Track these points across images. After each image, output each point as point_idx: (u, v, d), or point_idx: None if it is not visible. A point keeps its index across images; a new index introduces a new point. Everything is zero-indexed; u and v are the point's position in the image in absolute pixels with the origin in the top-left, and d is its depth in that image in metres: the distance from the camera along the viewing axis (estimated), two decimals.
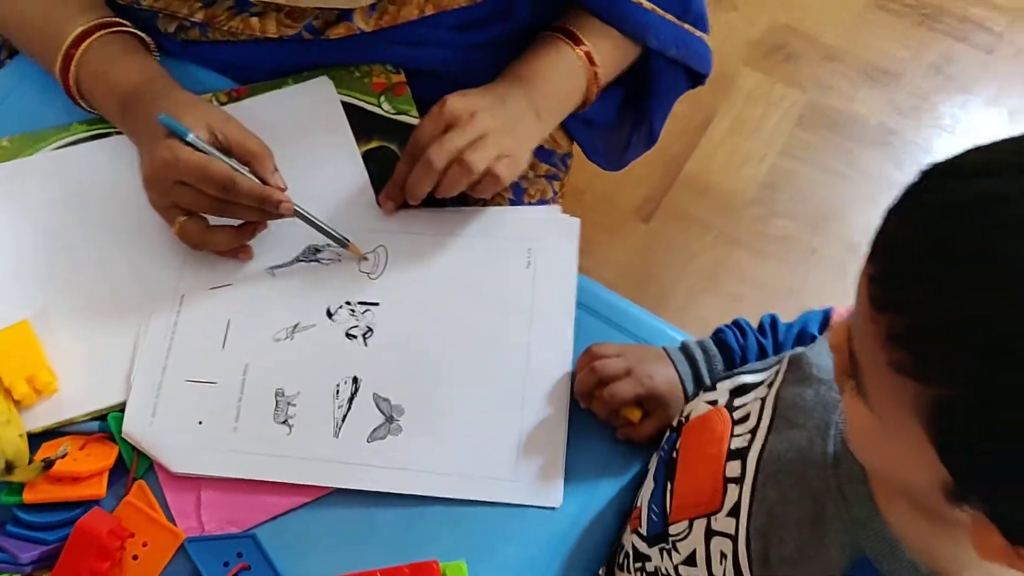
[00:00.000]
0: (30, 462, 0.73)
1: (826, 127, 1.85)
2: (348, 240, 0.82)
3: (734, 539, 0.65)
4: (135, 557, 0.72)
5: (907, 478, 0.51)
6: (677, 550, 0.69)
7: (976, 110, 1.87)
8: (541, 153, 1.02)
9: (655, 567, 0.72)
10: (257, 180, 0.77)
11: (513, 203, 0.97)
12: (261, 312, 0.81)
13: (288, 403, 0.78)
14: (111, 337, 0.80)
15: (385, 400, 0.78)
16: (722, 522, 0.66)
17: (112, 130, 0.88)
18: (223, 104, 0.90)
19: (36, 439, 0.76)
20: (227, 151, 0.77)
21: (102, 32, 0.84)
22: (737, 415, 0.70)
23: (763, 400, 0.69)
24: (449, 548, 0.74)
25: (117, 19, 0.85)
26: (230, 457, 0.76)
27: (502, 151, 0.80)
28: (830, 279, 1.71)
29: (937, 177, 0.46)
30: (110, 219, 0.84)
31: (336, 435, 0.77)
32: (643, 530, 0.73)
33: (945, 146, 1.84)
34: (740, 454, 0.68)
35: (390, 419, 0.77)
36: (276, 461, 0.76)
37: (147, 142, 0.78)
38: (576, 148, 1.10)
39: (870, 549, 0.55)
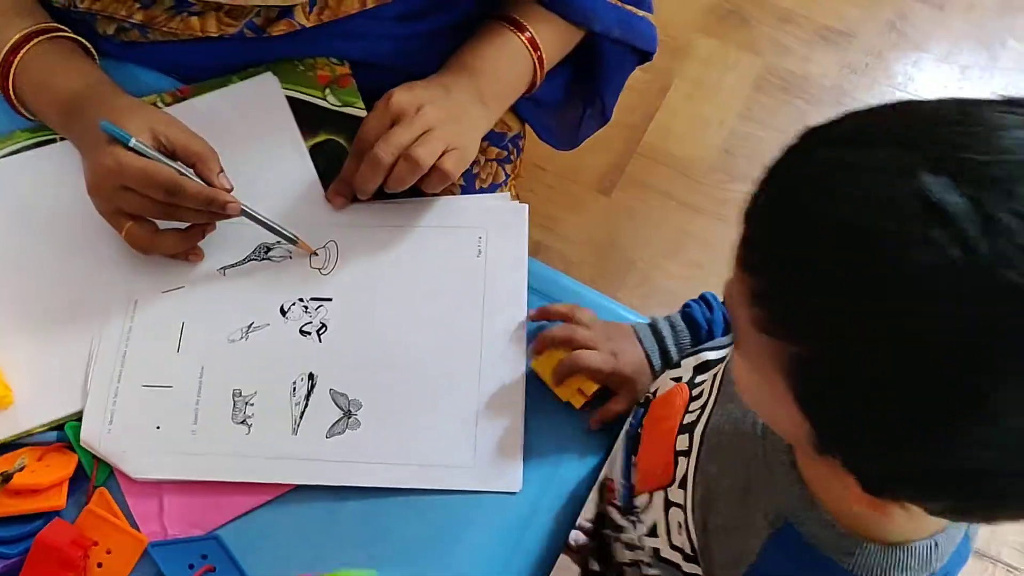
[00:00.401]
0: None
1: (782, 90, 1.85)
2: (297, 237, 0.82)
3: (684, 510, 0.67)
4: (99, 565, 0.72)
5: (786, 430, 0.54)
6: (641, 521, 0.71)
7: (929, 67, 1.88)
8: (491, 136, 1.02)
9: (629, 538, 0.75)
10: (202, 182, 0.77)
11: (464, 189, 0.97)
12: (215, 313, 0.81)
13: (246, 403, 0.78)
14: (65, 346, 0.80)
15: (342, 395, 0.79)
16: (675, 494, 0.69)
17: (56, 137, 0.87)
18: (168, 105, 0.89)
19: None
20: (171, 154, 0.77)
21: (40, 38, 0.83)
22: (696, 391, 0.72)
23: (715, 375, 0.71)
24: (412, 537, 0.75)
25: (55, 24, 0.84)
26: (190, 460, 0.76)
27: (449, 143, 0.80)
28: None
29: (808, 142, 0.47)
30: (58, 227, 0.84)
31: (295, 432, 0.77)
32: (617, 501, 0.75)
33: None
34: (689, 428, 0.70)
35: (348, 414, 0.78)
36: (236, 461, 0.76)
37: (90, 149, 0.77)
38: (532, 137, 1.10)
39: (791, 513, 0.58)
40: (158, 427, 0.77)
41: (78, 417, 0.77)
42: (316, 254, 0.83)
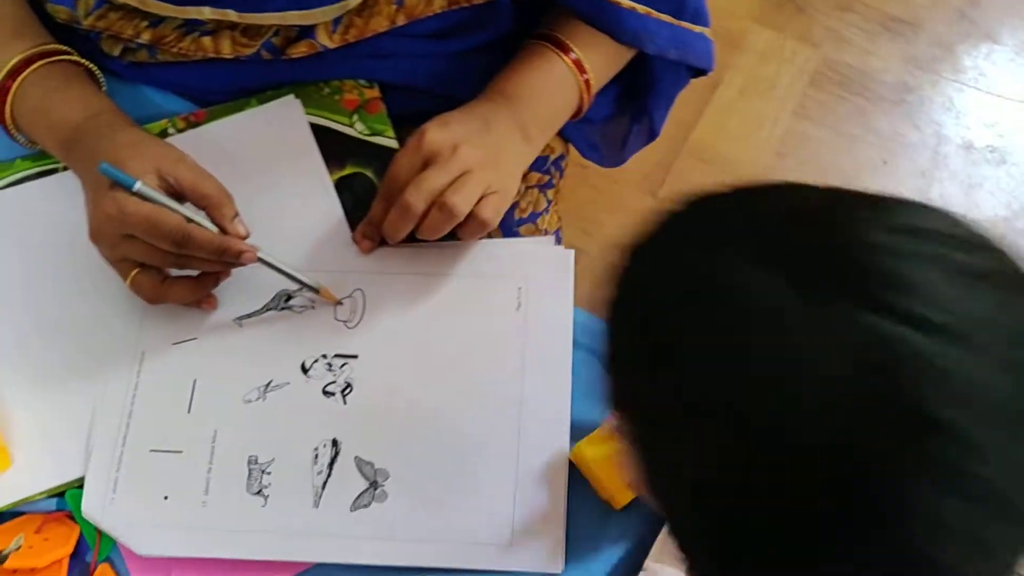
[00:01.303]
0: None
1: (840, 85, 1.74)
2: (319, 287, 0.74)
3: None
4: None
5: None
6: None
7: (1002, 61, 1.76)
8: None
9: None
10: (214, 227, 0.70)
11: (503, 223, 0.89)
12: (230, 369, 0.74)
13: (262, 471, 0.71)
14: (66, 403, 0.73)
15: (368, 464, 0.72)
16: None
17: (60, 166, 0.81)
18: (180, 130, 0.82)
19: None
20: (180, 196, 0.70)
21: (41, 62, 0.75)
22: None
23: None
24: None
25: (57, 46, 0.77)
26: (200, 535, 0.70)
27: (488, 187, 0.72)
28: None
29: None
30: (61, 268, 0.77)
31: (316, 505, 0.70)
32: None
33: (967, 103, 1.73)
34: None
35: (374, 484, 0.71)
36: (251, 537, 0.70)
37: (91, 190, 0.70)
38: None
39: None
40: (166, 497, 0.70)
41: (81, 484, 0.71)
42: (341, 304, 0.76)
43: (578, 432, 0.72)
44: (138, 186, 0.67)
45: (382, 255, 0.78)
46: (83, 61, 0.78)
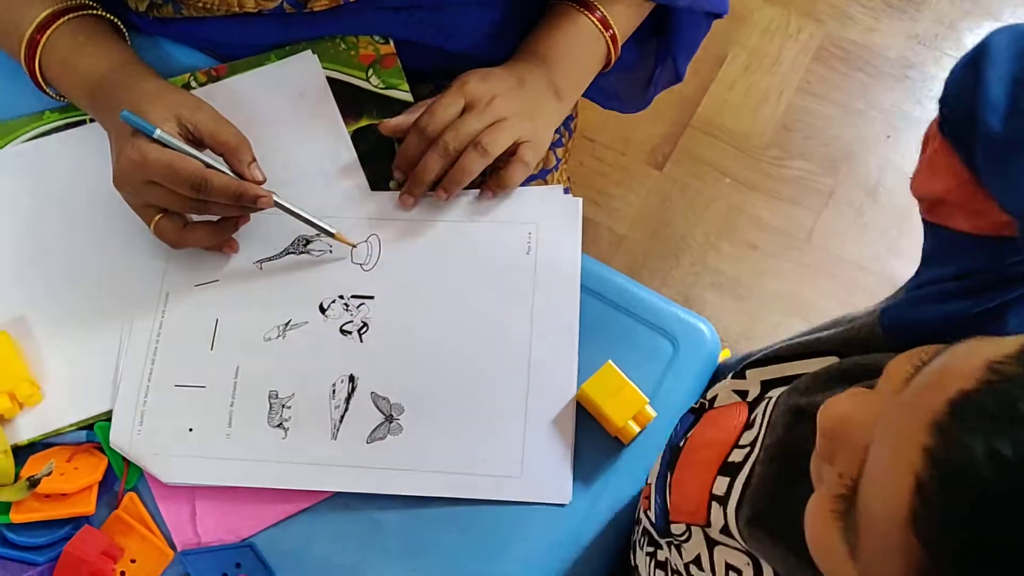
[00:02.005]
0: (16, 479, 0.70)
1: (843, 61, 1.77)
2: (335, 231, 0.77)
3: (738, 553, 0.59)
4: (122, 573, 0.69)
5: None
6: (681, 551, 0.65)
7: None
8: None
9: (665, 558, 0.68)
10: (232, 173, 0.73)
11: None
12: (250, 310, 0.77)
13: (282, 405, 0.74)
14: (94, 341, 0.76)
15: (384, 399, 0.75)
16: (717, 536, 0.61)
17: (86, 117, 0.84)
18: (202, 84, 0.85)
19: (22, 451, 0.73)
20: (199, 142, 0.73)
21: (68, 16, 0.78)
22: (752, 416, 0.64)
23: (772, 404, 0.62)
24: (456, 550, 0.72)
25: (83, 1, 0.80)
26: (223, 465, 0.73)
27: (520, 136, 0.78)
28: (847, 222, 1.65)
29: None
30: (88, 215, 0.80)
31: (334, 437, 0.73)
32: (652, 516, 0.69)
33: None
34: (732, 471, 0.61)
35: (389, 418, 0.74)
36: (272, 467, 0.73)
37: (115, 139, 0.73)
38: (582, 105, 1.04)
39: None
40: (190, 429, 0.74)
41: (109, 416, 0.74)
42: (356, 247, 0.79)
43: (584, 373, 0.75)
44: (158, 133, 0.70)
45: (396, 203, 0.80)
46: (108, 16, 0.81)
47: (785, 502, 0.51)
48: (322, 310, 0.77)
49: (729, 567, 0.60)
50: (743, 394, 0.67)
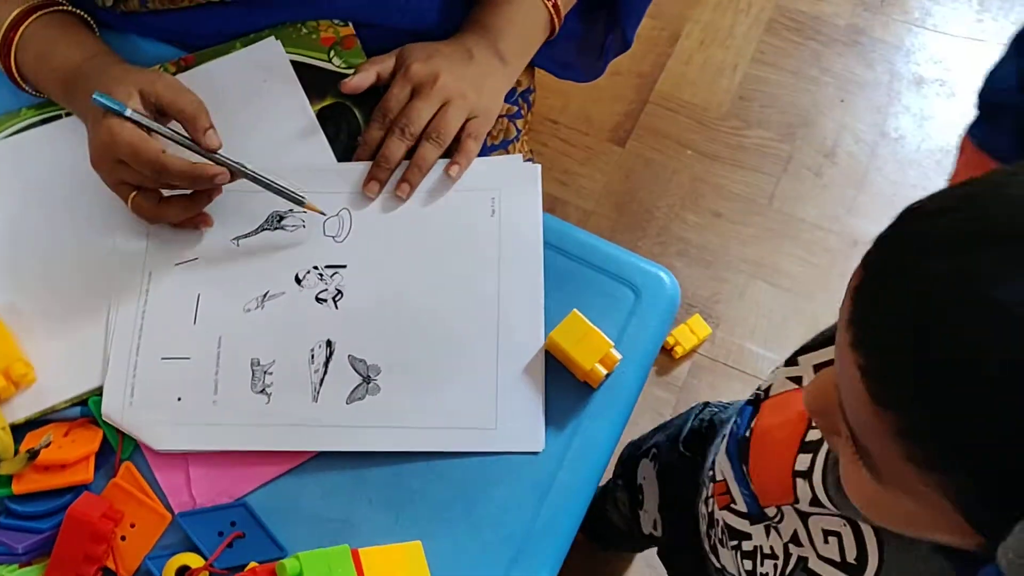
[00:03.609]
0: (15, 454, 0.73)
1: (795, 31, 1.82)
2: (304, 199, 0.80)
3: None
4: (123, 538, 0.73)
5: (928, 533, 0.49)
6: (780, 532, 0.67)
7: (946, 1, 1.84)
8: None
9: (755, 545, 0.71)
10: (190, 148, 0.76)
11: None
12: (230, 284, 0.81)
13: (264, 372, 0.78)
14: (83, 321, 0.80)
15: (361, 361, 0.78)
16: (809, 508, 0.63)
17: (62, 112, 0.87)
18: (172, 74, 0.88)
19: (19, 430, 0.76)
20: (162, 112, 0.76)
21: (39, 13, 0.82)
22: None
23: None
24: (438, 498, 0.75)
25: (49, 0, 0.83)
26: (212, 431, 0.76)
27: (470, 112, 0.83)
28: (806, 185, 1.70)
29: (904, 255, 0.42)
30: (69, 203, 0.84)
31: (315, 399, 0.77)
32: (739, 507, 0.72)
33: (916, 41, 1.81)
34: (812, 447, 0.64)
35: (367, 379, 0.78)
36: (258, 430, 0.76)
37: (90, 122, 0.77)
38: (541, 80, 1.08)
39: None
40: (179, 399, 0.77)
41: (101, 392, 0.77)
42: (326, 216, 0.82)
43: (551, 324, 0.79)
44: (129, 111, 0.74)
45: (365, 176, 0.84)
46: (77, 11, 0.84)
47: None
48: (298, 280, 0.81)
49: (827, 533, 0.62)
50: (797, 380, 0.70)
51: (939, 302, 0.40)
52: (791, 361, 0.71)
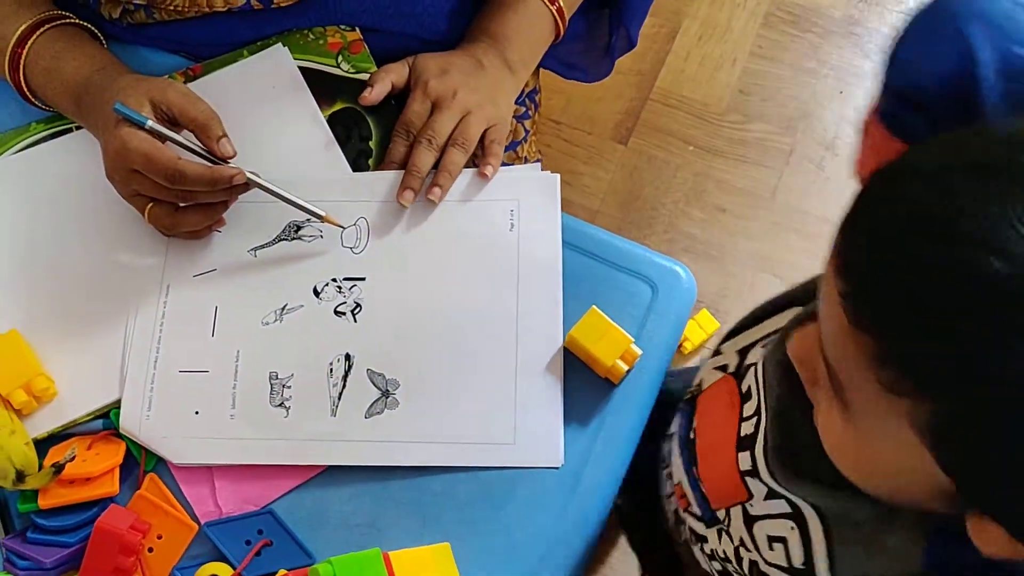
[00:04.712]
0: (40, 468, 0.73)
1: (791, 24, 1.82)
2: (323, 213, 0.80)
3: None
4: (150, 550, 0.73)
5: (901, 488, 0.50)
6: (731, 535, 0.68)
7: None
8: None
9: (711, 549, 0.71)
10: (206, 159, 0.76)
11: None
12: (247, 296, 0.81)
13: (283, 385, 0.78)
14: (102, 334, 0.80)
15: (379, 375, 0.78)
16: (759, 506, 0.64)
17: (72, 125, 0.87)
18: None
19: (43, 445, 0.76)
20: (174, 121, 0.76)
21: (46, 27, 0.82)
22: (744, 386, 0.68)
23: (760, 369, 0.66)
24: (465, 499, 0.75)
25: (60, 12, 0.83)
26: (230, 445, 0.76)
27: (488, 122, 0.84)
28: (809, 178, 1.70)
29: (886, 184, 0.44)
30: (84, 216, 0.83)
31: (333, 413, 0.77)
32: (695, 511, 0.72)
33: None
34: (748, 444, 0.65)
35: (385, 393, 0.78)
36: (276, 444, 0.76)
37: (102, 134, 0.77)
38: (543, 80, 1.09)
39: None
40: (197, 412, 0.77)
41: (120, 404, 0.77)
42: (344, 229, 0.82)
43: (570, 322, 0.79)
44: (149, 124, 0.74)
45: (383, 186, 0.84)
46: (84, 24, 0.84)
47: (805, 439, 0.55)
48: (316, 293, 0.81)
49: (772, 540, 0.63)
50: (723, 368, 0.71)
51: (913, 224, 0.41)
52: (716, 352, 0.73)
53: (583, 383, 0.79)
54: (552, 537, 0.75)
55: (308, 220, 0.82)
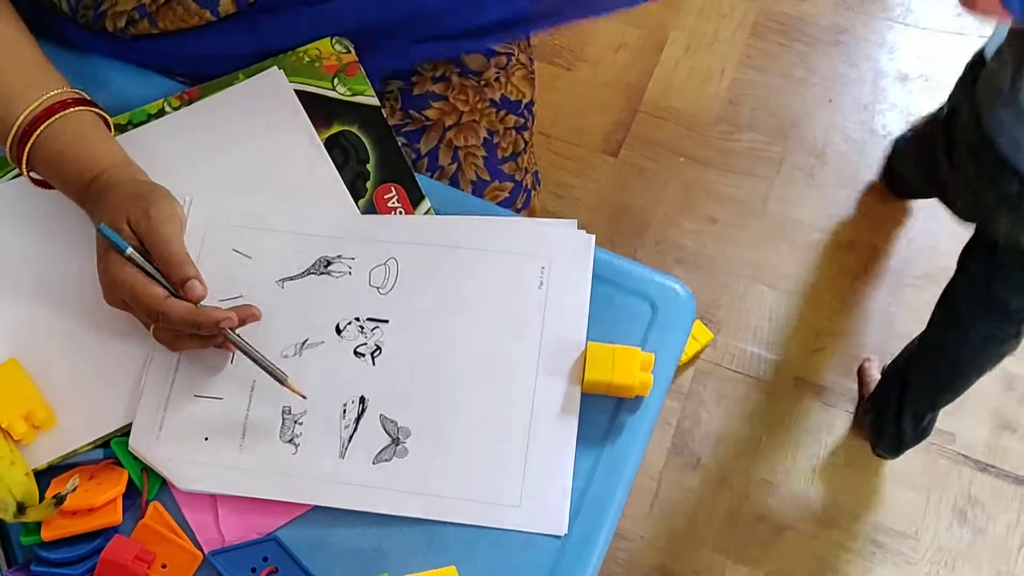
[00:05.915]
0: (41, 500, 0.73)
1: (779, 33, 1.83)
2: (287, 377, 0.76)
3: None
4: None
5: None
6: None
7: None
8: (508, 104, 1.01)
9: None
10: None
11: (487, 159, 0.96)
12: (270, 327, 0.80)
13: (295, 421, 0.78)
14: (104, 362, 0.79)
15: (392, 422, 0.78)
16: None
17: None
18: (175, 108, 0.88)
19: (44, 476, 0.76)
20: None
21: (52, 119, 0.79)
22: None
23: None
24: (466, 533, 0.75)
25: (68, 94, 0.80)
26: (236, 475, 0.76)
27: None
28: (799, 186, 1.71)
29: None
30: (90, 243, 0.81)
31: (342, 456, 0.76)
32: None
33: (898, 38, 1.83)
34: None
35: (396, 441, 0.77)
36: (282, 480, 0.75)
37: (97, 253, 0.76)
38: (535, 94, 1.09)
39: None
40: (206, 438, 0.77)
41: (124, 433, 0.77)
42: (304, 397, 0.77)
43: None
44: (129, 251, 0.73)
45: (412, 225, 0.83)
46: (96, 110, 0.82)
47: None
48: (338, 331, 0.80)
49: None
50: None
51: None
52: None
53: (587, 402, 0.79)
54: (557, 558, 0.75)
55: (339, 256, 0.82)
